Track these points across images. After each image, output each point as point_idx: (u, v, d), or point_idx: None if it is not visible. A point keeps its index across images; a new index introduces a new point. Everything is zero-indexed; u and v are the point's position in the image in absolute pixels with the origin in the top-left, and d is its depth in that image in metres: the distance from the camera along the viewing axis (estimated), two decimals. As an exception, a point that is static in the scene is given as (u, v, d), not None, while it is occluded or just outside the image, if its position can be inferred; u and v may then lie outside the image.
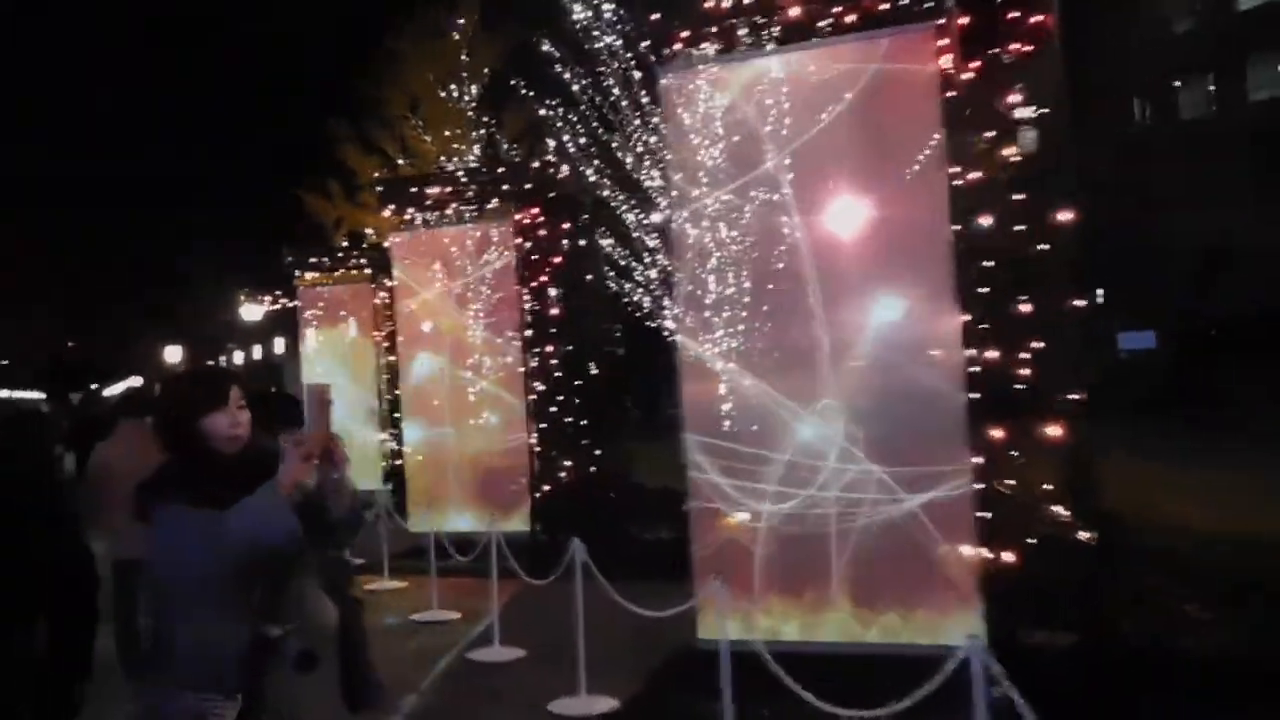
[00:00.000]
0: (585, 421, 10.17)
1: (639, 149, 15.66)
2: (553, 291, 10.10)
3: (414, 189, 10.65)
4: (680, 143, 6.19)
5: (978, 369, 5.25)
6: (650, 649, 6.30)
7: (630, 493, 10.86)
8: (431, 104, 22.87)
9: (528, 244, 10.02)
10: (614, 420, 10.86)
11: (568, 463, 10.07)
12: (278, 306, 19.12)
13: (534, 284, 10.04)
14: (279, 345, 42.11)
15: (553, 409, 10.01)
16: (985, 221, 5.24)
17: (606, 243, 12.90)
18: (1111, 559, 5.43)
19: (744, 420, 5.89)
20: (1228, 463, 13.44)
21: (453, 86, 22.60)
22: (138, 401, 6.71)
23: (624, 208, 14.18)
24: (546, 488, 9.99)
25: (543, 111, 16.76)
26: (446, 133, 22.76)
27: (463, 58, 22.63)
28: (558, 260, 10.00)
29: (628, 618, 5.71)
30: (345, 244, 17.86)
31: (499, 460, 10.14)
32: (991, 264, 5.24)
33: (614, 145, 15.67)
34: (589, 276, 10.56)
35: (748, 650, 4.60)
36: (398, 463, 14.43)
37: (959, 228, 5.30)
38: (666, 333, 16.61)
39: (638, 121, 14.35)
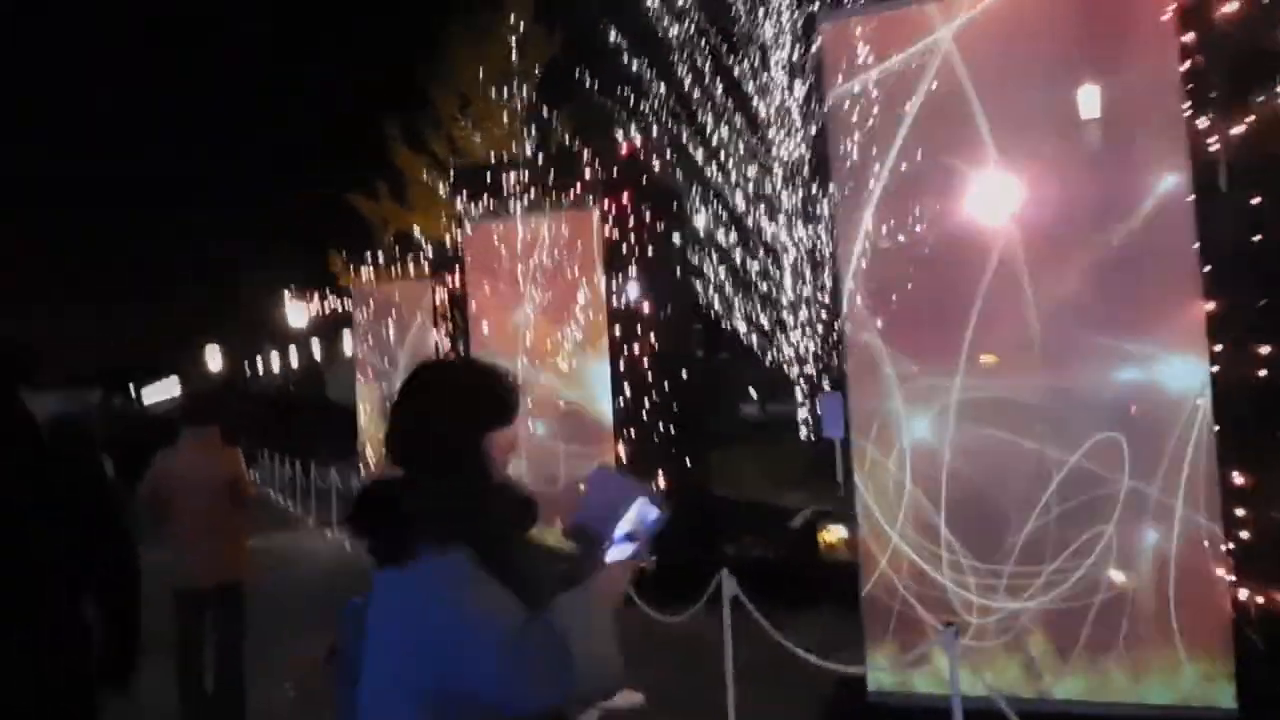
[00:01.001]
0: (673, 430, 9.18)
1: (726, 138, 14.69)
2: (639, 288, 9.12)
3: (489, 175, 9.71)
4: (841, 111, 5.18)
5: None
6: (808, 698, 5.30)
7: (719, 509, 9.87)
8: (482, 102, 22.08)
9: (614, 235, 9.06)
10: (702, 429, 9.86)
11: (660, 477, 9.09)
12: (325, 308, 18.24)
13: (621, 279, 9.06)
14: (343, 348, 41.57)
15: (643, 416, 9.03)
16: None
17: (685, 235, 11.91)
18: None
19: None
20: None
21: (504, 85, 21.94)
22: (205, 407, 5.79)
23: (711, 200, 13.26)
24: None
25: (614, 98, 15.98)
26: (497, 131, 22.01)
27: (513, 56, 21.91)
28: (647, 253, 9.02)
29: (781, 661, 4.72)
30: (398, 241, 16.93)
31: (583, 473, 9.17)
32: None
33: (697, 134, 14.70)
34: (678, 272, 9.57)
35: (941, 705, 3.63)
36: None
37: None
38: (742, 335, 15.69)
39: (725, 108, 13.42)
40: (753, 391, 26.56)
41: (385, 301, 14.08)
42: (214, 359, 42.44)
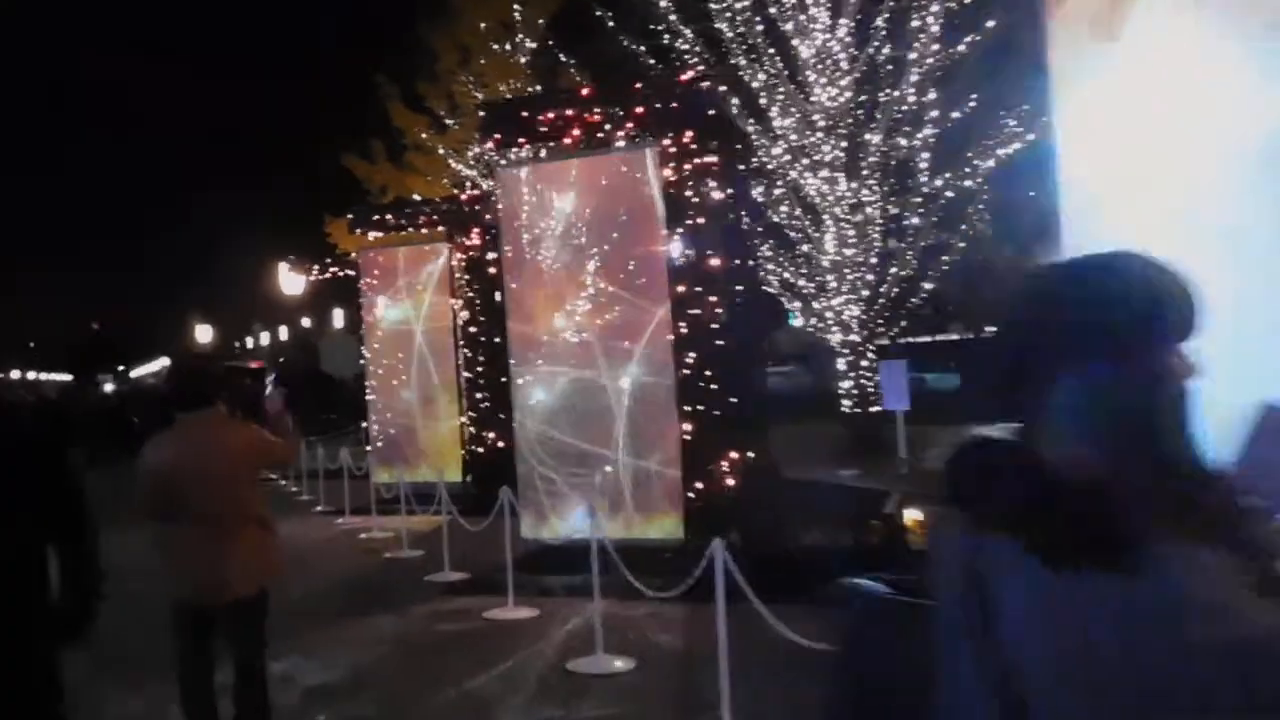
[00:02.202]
0: (738, 401, 7.92)
1: (760, 84, 13.31)
2: (703, 240, 7.81)
3: (525, 113, 8.34)
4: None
5: None
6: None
7: (782, 489, 8.63)
8: (484, 56, 20.58)
9: (676, 178, 7.73)
10: (765, 400, 8.61)
11: (726, 454, 7.84)
12: (326, 275, 16.85)
13: (684, 229, 7.75)
14: (333, 320, 40.01)
15: (712, 387, 7.75)
16: None
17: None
18: None
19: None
20: None
21: (509, 38, 20.50)
22: (202, 381, 4.45)
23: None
24: (700, 485, 7.75)
25: (625, 51, 14.56)
26: (502, 87, 20.54)
27: (515, 7, 20.44)
28: (716, 199, 7.70)
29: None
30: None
31: (643, 451, 7.88)
32: None
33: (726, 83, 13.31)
34: (745, 223, 8.25)
35: None
36: (478, 450, 12.28)
37: None
38: (784, 298, 14.41)
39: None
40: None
41: (393, 266, 12.70)
42: (204, 336, 40.89)
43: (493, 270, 12.15)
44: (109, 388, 40.45)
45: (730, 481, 7.79)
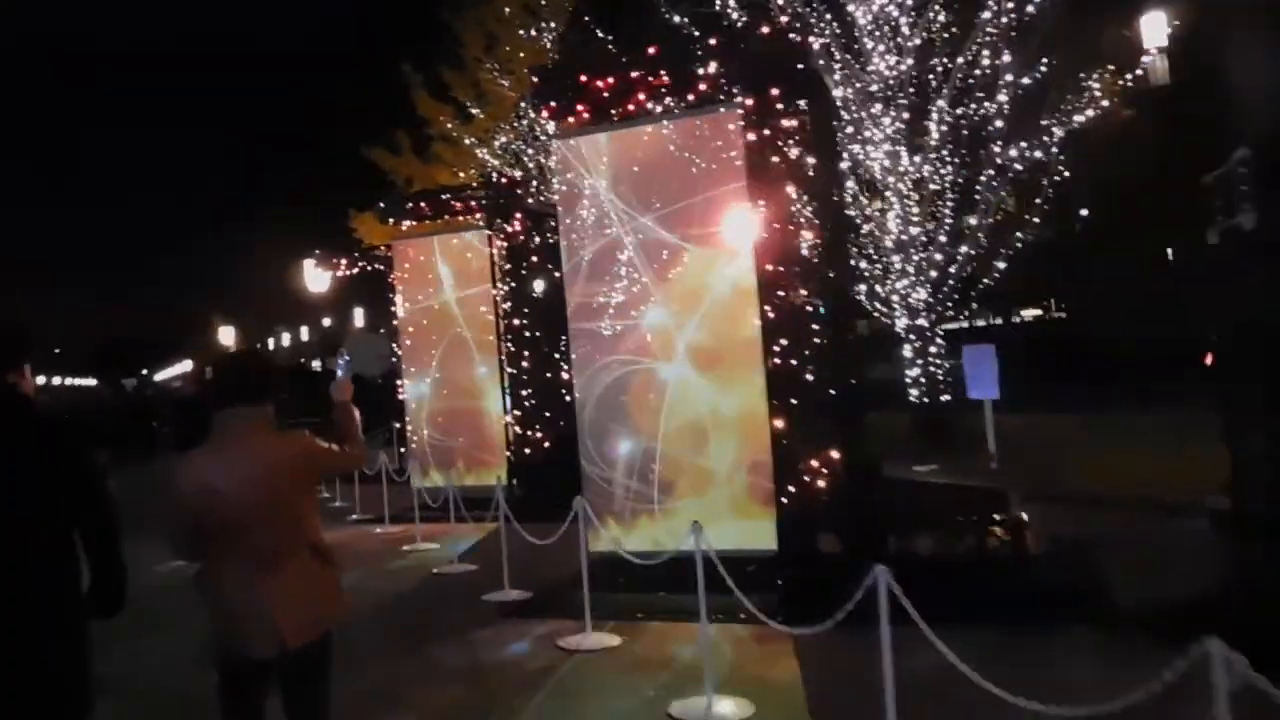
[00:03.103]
0: (834, 392, 6.95)
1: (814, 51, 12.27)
2: (793, 214, 6.84)
3: (583, 77, 7.36)
4: None
5: None
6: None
7: (884, 491, 7.66)
8: (509, 42, 19.64)
9: (760, 143, 6.75)
10: (861, 391, 7.64)
11: (821, 453, 6.87)
12: (355, 270, 15.92)
13: (773, 201, 6.77)
14: (354, 318, 39.26)
15: (806, 378, 6.77)
16: None
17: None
18: None
19: None
20: None
21: (531, 24, 19.54)
22: (250, 378, 3.54)
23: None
24: (792, 488, 6.78)
25: (658, 33, 13.56)
26: (526, 74, 19.61)
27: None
28: (806, 165, 6.73)
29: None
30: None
31: (728, 450, 6.92)
32: None
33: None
34: (834, 195, 7.28)
35: None
36: (524, 451, 11.35)
37: None
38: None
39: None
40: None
41: (428, 257, 11.77)
42: (227, 338, 40.16)
43: (535, 258, 11.28)
44: (130, 387, 39.85)
45: (826, 483, 6.82)
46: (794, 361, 6.77)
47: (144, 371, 56.11)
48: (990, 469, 9.89)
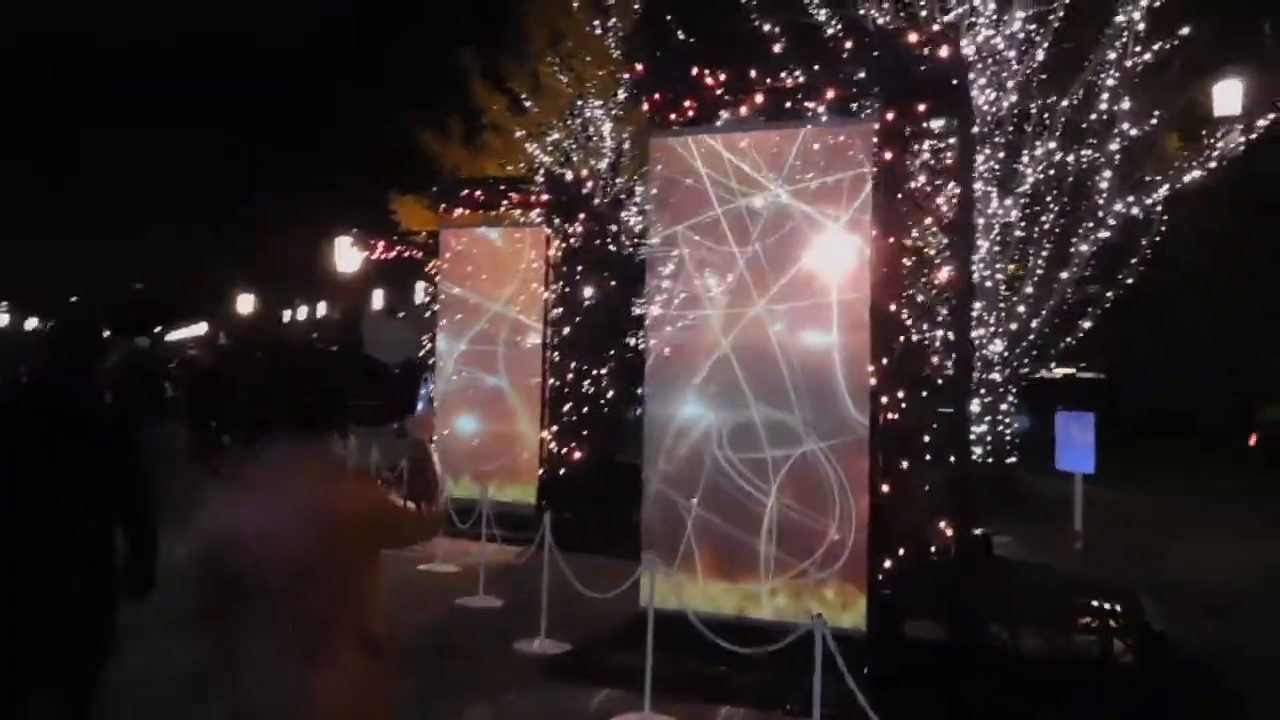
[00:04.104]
0: (950, 454, 5.99)
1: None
2: (922, 247, 5.89)
3: (695, 69, 6.41)
4: None
5: None
6: None
7: (997, 574, 6.66)
8: (575, 38, 18.77)
9: (897, 163, 5.79)
10: (968, 453, 6.64)
11: (930, 522, 5.90)
12: (392, 255, 15.01)
13: (902, 231, 5.81)
14: (372, 300, 38.38)
15: (922, 438, 5.80)
16: None
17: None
18: None
19: None
20: None
21: (597, 20, 18.69)
22: (307, 395, 2.62)
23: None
24: (888, 563, 5.80)
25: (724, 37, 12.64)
26: (600, 70, 18.72)
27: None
28: (949, 193, 5.78)
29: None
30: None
31: (820, 510, 5.94)
32: None
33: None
34: (970, 233, 6.31)
35: None
36: (560, 471, 10.36)
37: None
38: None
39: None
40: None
41: (478, 249, 10.82)
42: (246, 306, 39.30)
43: (593, 263, 10.35)
44: (144, 346, 38.95)
45: (931, 559, 5.85)
46: (907, 416, 5.81)
47: (157, 329, 55.31)
48: (1075, 549, 8.90)
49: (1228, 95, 12.73)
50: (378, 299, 44.98)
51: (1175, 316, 19.40)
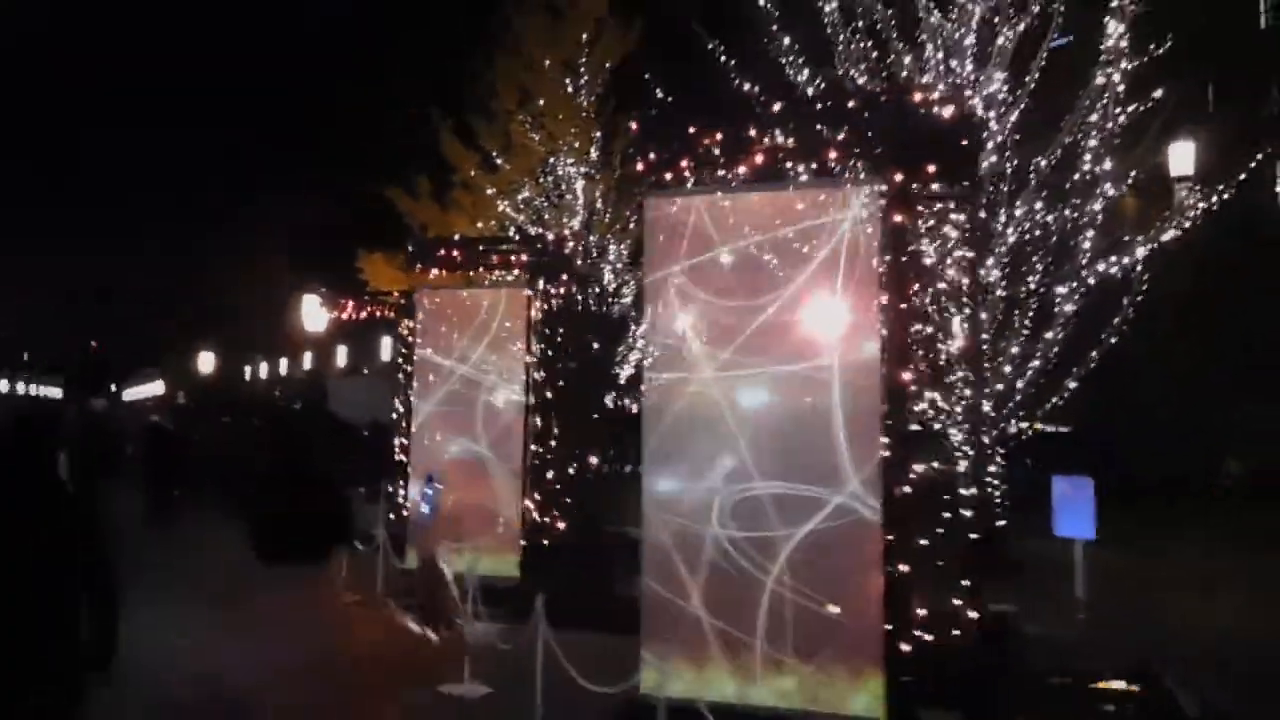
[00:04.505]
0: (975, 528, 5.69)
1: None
2: (931, 313, 5.65)
3: (692, 129, 6.18)
4: None
5: None
6: None
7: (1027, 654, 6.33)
8: (546, 97, 18.65)
9: (904, 229, 5.57)
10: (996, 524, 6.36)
11: (949, 600, 5.58)
12: (363, 315, 14.61)
13: (911, 297, 5.58)
14: (337, 357, 37.68)
15: (941, 513, 5.51)
16: None
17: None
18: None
19: None
20: None
21: (571, 80, 18.64)
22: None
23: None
24: (906, 645, 5.46)
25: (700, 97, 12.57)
26: (572, 129, 18.59)
27: (584, 47, 18.64)
28: (955, 261, 5.57)
29: None
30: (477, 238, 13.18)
31: (831, 586, 5.60)
32: None
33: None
34: (979, 298, 6.11)
35: None
36: (542, 542, 9.91)
37: None
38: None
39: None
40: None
41: (456, 309, 10.47)
42: (206, 364, 38.38)
43: (575, 326, 10.05)
44: (99, 407, 37.93)
45: (949, 641, 5.52)
46: (922, 491, 5.52)
47: (113, 388, 53.93)
48: (1079, 619, 8.61)
49: (1181, 156, 12.93)
50: (342, 356, 44.23)
51: (1142, 378, 19.54)
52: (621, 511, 9.41)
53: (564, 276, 9.82)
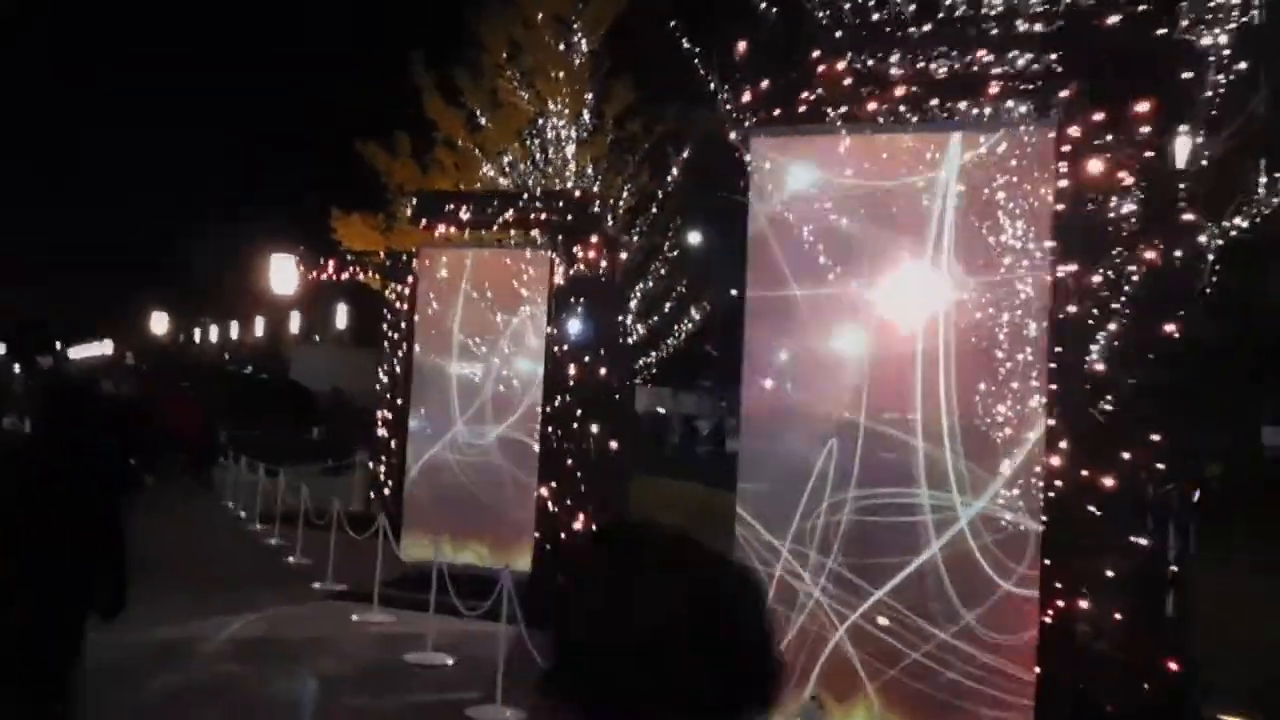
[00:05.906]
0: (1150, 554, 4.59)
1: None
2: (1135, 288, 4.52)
3: (817, 52, 4.94)
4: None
5: None
6: None
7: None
8: (536, 54, 17.22)
9: (1104, 177, 4.41)
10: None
11: (1124, 639, 4.49)
12: (343, 276, 13.12)
13: (1099, 255, 4.43)
14: (290, 323, 35.78)
15: (1109, 524, 4.40)
16: None
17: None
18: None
19: None
20: None
21: (565, 36, 17.23)
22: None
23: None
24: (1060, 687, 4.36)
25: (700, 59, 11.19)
26: (550, 89, 17.22)
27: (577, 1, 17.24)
28: (1178, 219, 4.43)
29: None
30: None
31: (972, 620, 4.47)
32: None
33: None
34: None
35: None
36: (561, 535, 8.64)
37: None
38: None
39: None
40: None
41: (465, 271, 9.10)
42: (159, 325, 36.10)
43: (603, 294, 8.77)
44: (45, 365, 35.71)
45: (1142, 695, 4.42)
46: (1089, 497, 4.40)
47: (58, 346, 50.93)
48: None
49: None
50: (295, 322, 42.20)
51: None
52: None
53: (594, 238, 8.50)
